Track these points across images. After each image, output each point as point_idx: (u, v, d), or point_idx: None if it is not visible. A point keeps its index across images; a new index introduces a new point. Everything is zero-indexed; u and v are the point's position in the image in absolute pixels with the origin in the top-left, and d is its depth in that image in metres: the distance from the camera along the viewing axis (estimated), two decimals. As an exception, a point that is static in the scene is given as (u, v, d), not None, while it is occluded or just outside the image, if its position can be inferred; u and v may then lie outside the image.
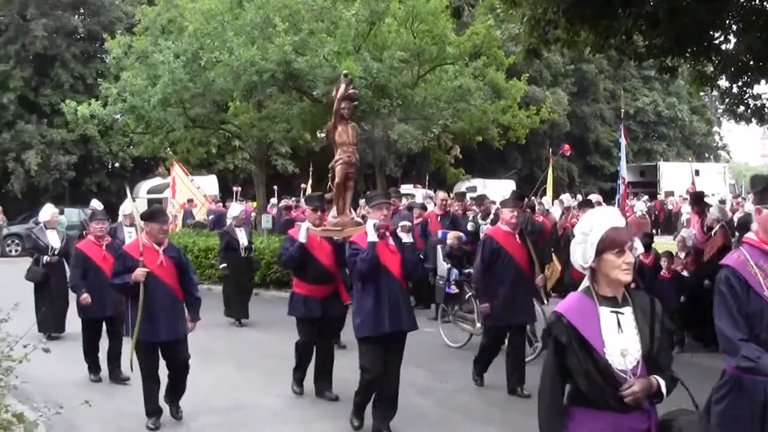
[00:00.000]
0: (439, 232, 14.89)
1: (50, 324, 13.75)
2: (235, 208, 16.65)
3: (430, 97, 21.29)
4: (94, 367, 10.99)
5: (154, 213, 8.81)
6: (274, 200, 27.20)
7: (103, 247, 10.96)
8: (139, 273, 8.17)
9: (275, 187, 29.09)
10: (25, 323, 7.10)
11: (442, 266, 13.72)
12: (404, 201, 21.37)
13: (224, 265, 15.62)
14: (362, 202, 23.06)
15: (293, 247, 9.49)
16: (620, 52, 13.33)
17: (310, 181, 29.55)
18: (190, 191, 23.41)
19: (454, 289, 12.84)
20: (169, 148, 25.64)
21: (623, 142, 17.83)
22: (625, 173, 17.22)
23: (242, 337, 14.28)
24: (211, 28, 21.01)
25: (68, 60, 38.56)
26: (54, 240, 13.66)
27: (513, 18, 14.46)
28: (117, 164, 42.15)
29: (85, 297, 10.64)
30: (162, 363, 8.78)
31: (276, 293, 18.56)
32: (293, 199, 27.15)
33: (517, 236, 9.98)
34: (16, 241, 32.59)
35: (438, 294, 13.69)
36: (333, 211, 10.38)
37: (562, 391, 3.93)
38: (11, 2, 38.05)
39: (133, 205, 11.75)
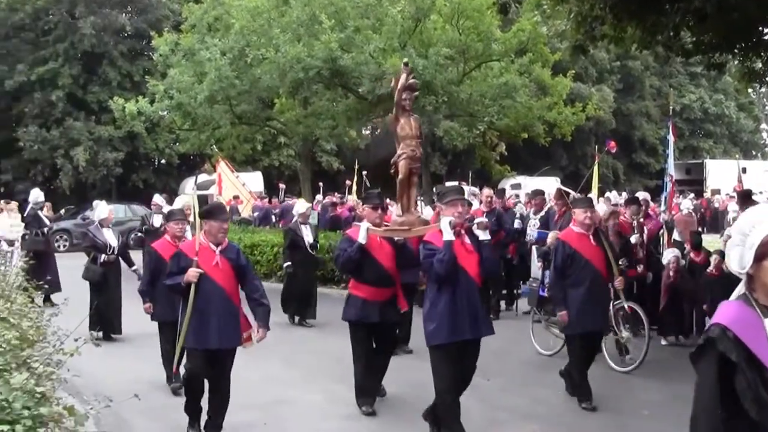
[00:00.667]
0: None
1: (104, 323, 13.74)
2: (302, 205, 15.93)
3: (475, 94, 21.21)
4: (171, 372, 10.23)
5: (215, 210, 8.04)
6: (319, 197, 27.30)
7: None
8: (192, 273, 7.48)
9: (320, 184, 29.18)
10: (76, 317, 7.14)
11: (536, 268, 13.28)
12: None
13: (288, 263, 15.02)
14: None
15: (352, 248, 8.86)
16: (667, 49, 13.17)
17: (355, 178, 29.63)
18: (236, 188, 23.56)
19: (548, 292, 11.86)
20: (214, 145, 25.85)
21: (671, 139, 17.60)
22: (673, 171, 16.99)
23: (289, 333, 14.28)
24: (258, 26, 21.17)
25: (116, 58, 38.99)
26: (111, 238, 13.35)
27: (560, 14, 14.40)
28: (163, 161, 42.56)
29: (148, 306, 10.10)
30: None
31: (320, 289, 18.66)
32: (338, 195, 27.22)
33: (591, 237, 9.41)
34: (65, 237, 33.01)
35: (531, 297, 13.10)
36: (397, 209, 9.68)
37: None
38: (60, 1, 38.56)
39: (192, 201, 10.21)
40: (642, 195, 16.05)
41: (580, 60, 20.53)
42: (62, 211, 31.61)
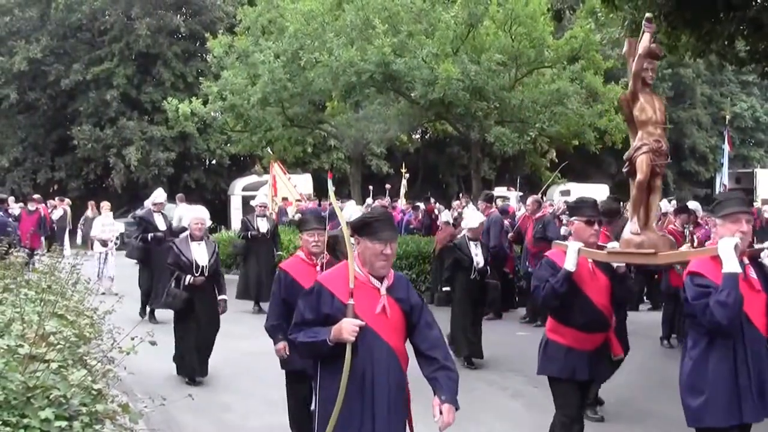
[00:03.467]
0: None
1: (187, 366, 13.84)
2: (474, 218, 12.36)
3: (527, 100, 21.17)
4: None
5: (373, 224, 4.98)
6: (369, 200, 27.42)
7: (318, 269, 7.22)
8: (349, 327, 4.68)
9: (370, 187, 29.31)
10: (129, 314, 7.18)
11: None
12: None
13: (448, 288, 12.32)
14: (455, 203, 23.30)
15: (557, 278, 6.69)
16: (721, 57, 13.19)
17: (404, 181, 29.70)
18: (288, 190, 23.77)
19: None
20: (266, 147, 26.08)
21: (726, 148, 17.45)
22: (726, 180, 16.88)
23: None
24: (311, 29, 21.34)
25: (170, 59, 39.38)
26: (199, 254, 10.94)
27: (614, 22, 14.47)
28: (214, 161, 42.87)
29: (282, 347, 7.41)
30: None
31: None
32: (387, 199, 27.32)
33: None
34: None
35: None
36: (631, 225, 7.30)
37: None
38: (117, 2, 39.10)
39: (336, 205, 6.12)
40: (692, 204, 15.97)
41: (631, 68, 20.42)
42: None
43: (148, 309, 15.33)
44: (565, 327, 6.85)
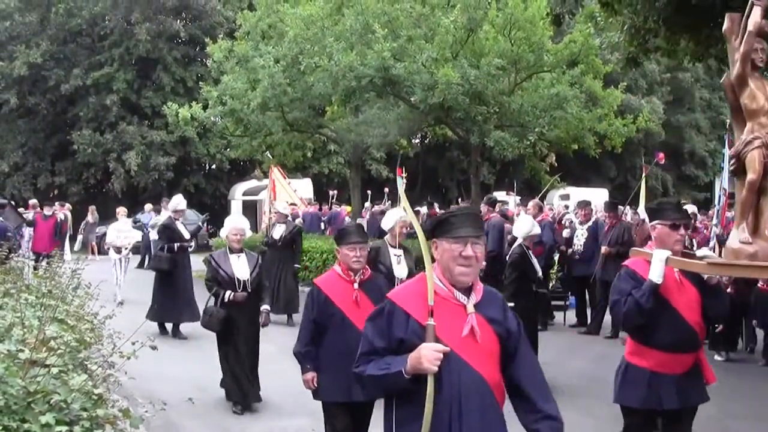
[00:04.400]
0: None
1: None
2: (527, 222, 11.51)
3: (526, 105, 21.20)
4: None
5: (449, 220, 4.10)
6: (368, 204, 27.46)
7: (356, 286, 6.54)
8: (431, 354, 3.80)
9: (368, 192, 29.35)
10: (130, 320, 7.17)
11: None
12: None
13: (512, 304, 10.63)
14: (454, 208, 23.30)
15: (642, 291, 5.79)
16: (720, 61, 13.19)
17: (401, 184, 29.70)
18: (288, 194, 23.76)
19: None
20: (266, 151, 26.11)
21: (727, 152, 17.46)
22: (727, 184, 16.86)
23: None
24: (311, 34, 21.37)
25: (170, 63, 39.42)
26: (240, 268, 10.04)
27: (613, 26, 14.50)
28: (214, 166, 42.95)
29: (311, 378, 6.53)
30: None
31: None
32: (388, 203, 27.33)
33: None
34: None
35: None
36: (739, 233, 6.14)
37: None
38: (117, 7, 39.15)
39: (408, 206, 5.06)
40: (690, 208, 16.02)
41: (630, 72, 20.43)
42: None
43: (167, 324, 14.77)
44: (647, 348, 5.96)
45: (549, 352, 10.05)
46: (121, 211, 20.96)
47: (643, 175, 22.16)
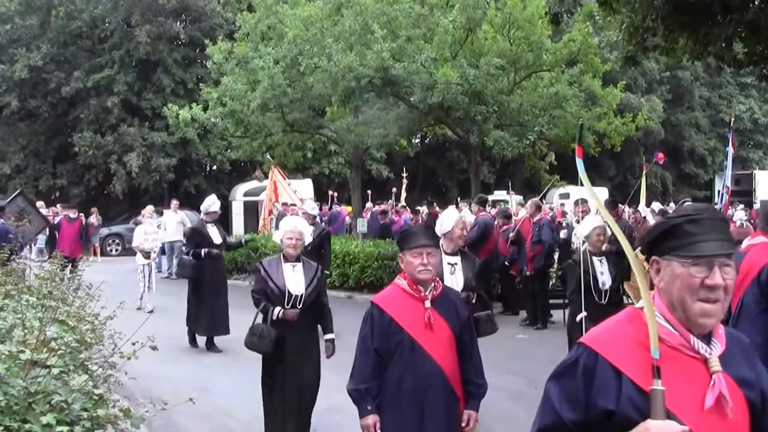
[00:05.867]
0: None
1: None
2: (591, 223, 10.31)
3: (525, 104, 21.22)
4: None
5: (682, 227, 2.65)
6: (369, 204, 27.51)
7: (428, 303, 5.23)
8: None
9: (369, 192, 29.41)
10: (129, 321, 7.12)
11: None
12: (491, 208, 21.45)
13: (585, 314, 9.46)
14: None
15: None
16: (719, 59, 13.19)
17: (404, 186, 29.78)
18: (289, 195, 23.82)
19: None
20: (267, 152, 26.16)
21: (731, 150, 17.43)
22: (729, 182, 16.85)
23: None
24: (311, 35, 21.40)
25: (170, 65, 39.45)
26: (291, 278, 8.57)
27: (611, 25, 14.53)
28: (215, 167, 43.01)
29: (373, 423, 5.14)
30: None
31: (370, 296, 18.87)
32: (389, 203, 27.38)
33: None
34: (117, 241, 33.63)
35: None
36: None
37: None
38: (117, 9, 39.20)
39: (591, 190, 3.19)
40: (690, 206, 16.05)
41: (629, 70, 20.44)
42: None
43: (200, 337, 13.65)
44: None
45: (549, 350, 10.11)
46: (147, 211, 20.33)
47: (643, 173, 22.20)
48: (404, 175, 30.15)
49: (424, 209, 24.64)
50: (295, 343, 7.66)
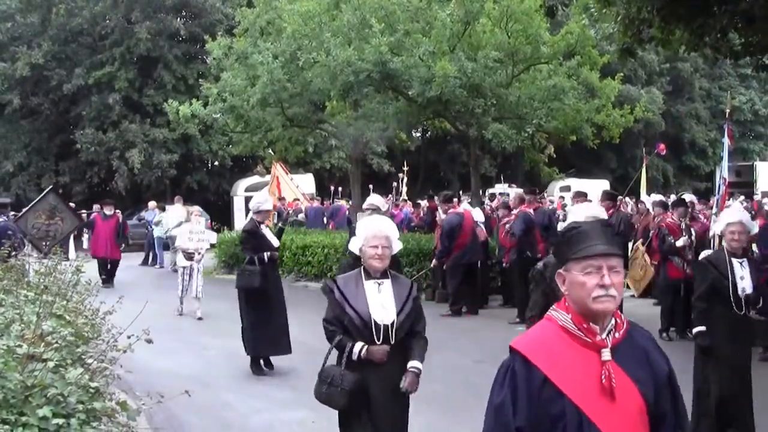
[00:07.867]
0: None
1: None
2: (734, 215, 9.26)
3: (524, 97, 21.26)
4: None
5: None
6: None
7: (606, 353, 3.10)
8: None
9: (370, 186, 29.49)
10: (128, 315, 7.13)
11: None
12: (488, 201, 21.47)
13: (702, 328, 7.73)
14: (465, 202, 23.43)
15: None
16: (715, 50, 13.19)
17: (403, 180, 29.84)
18: (291, 190, 23.89)
19: None
20: (267, 147, 26.22)
21: (727, 142, 17.43)
22: (727, 174, 16.88)
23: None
24: (309, 30, 21.42)
25: (170, 61, 39.42)
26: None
27: (607, 17, 14.54)
28: (216, 163, 43.01)
29: None
30: None
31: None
32: (390, 196, 27.43)
33: None
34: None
35: None
36: None
37: None
38: (117, 6, 39.21)
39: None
40: (689, 197, 16.10)
41: (628, 62, 20.44)
42: None
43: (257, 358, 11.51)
44: None
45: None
46: (195, 210, 19.57)
47: (644, 164, 22.24)
48: (404, 169, 30.22)
49: (424, 203, 24.71)
50: (381, 390, 5.54)
